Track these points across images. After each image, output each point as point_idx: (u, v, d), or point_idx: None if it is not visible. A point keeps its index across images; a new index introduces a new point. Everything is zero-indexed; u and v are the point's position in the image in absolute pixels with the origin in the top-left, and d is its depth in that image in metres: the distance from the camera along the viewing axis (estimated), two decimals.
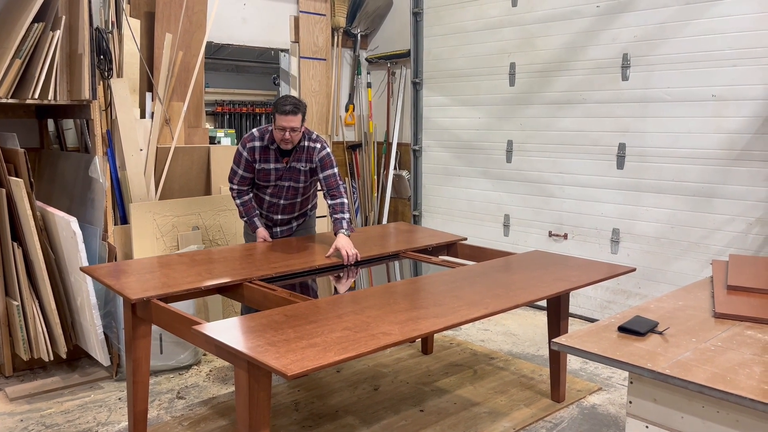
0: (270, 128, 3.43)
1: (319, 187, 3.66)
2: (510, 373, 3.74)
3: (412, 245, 3.65)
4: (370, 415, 3.20)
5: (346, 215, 3.40)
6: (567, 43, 4.65)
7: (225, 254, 3.33)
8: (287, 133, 3.31)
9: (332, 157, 3.51)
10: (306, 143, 3.47)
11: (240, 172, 3.49)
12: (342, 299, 2.60)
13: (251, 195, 3.59)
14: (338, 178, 3.51)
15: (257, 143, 3.44)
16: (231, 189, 3.57)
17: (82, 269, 3.04)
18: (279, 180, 3.51)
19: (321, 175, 3.49)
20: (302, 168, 3.50)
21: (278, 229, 3.70)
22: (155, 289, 2.68)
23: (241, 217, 3.62)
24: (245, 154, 3.45)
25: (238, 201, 3.57)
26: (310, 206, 3.79)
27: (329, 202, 3.47)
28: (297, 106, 3.30)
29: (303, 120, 3.36)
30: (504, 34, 5.05)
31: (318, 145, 3.49)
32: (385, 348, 2.08)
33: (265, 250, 3.40)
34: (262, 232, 3.58)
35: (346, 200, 3.47)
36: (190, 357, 3.79)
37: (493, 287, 2.73)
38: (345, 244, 3.23)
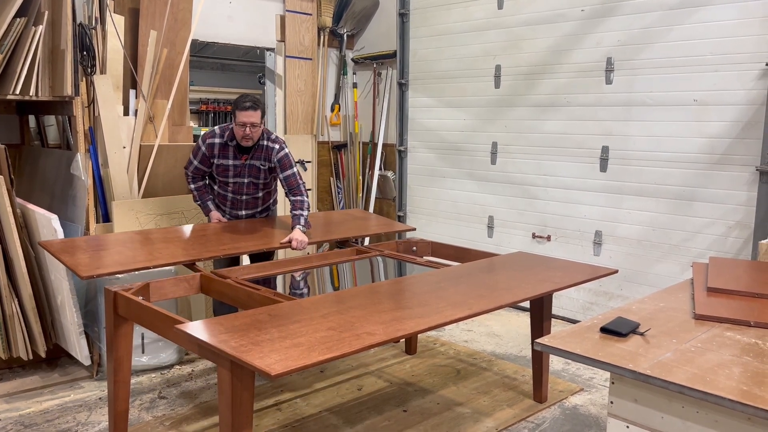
0: (230, 126, 3.54)
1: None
2: (493, 373, 3.76)
3: (361, 232, 3.95)
4: (354, 416, 3.20)
5: (305, 212, 3.56)
6: (552, 47, 4.68)
7: (179, 233, 3.46)
8: (248, 129, 3.43)
9: (291, 158, 3.63)
10: (265, 142, 3.58)
11: (195, 163, 3.61)
12: (326, 299, 2.59)
13: (206, 181, 3.72)
14: (298, 177, 3.63)
15: (217, 140, 3.55)
16: (186, 175, 3.69)
17: (40, 243, 3.10)
18: (238, 176, 3.61)
19: (281, 176, 3.61)
20: (261, 166, 3.61)
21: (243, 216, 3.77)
22: (107, 267, 2.81)
23: (195, 201, 3.75)
24: (203, 148, 3.57)
25: (192, 186, 3.70)
26: (272, 200, 3.89)
27: (291, 198, 3.61)
28: (256, 103, 3.44)
29: (262, 117, 3.48)
30: (490, 37, 5.07)
31: (276, 146, 3.59)
32: (369, 348, 2.08)
33: (219, 231, 3.54)
34: (215, 214, 3.71)
35: (306, 198, 3.61)
36: (173, 356, 3.76)
37: (476, 288, 2.74)
38: (298, 236, 3.45)
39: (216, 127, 3.63)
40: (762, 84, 3.73)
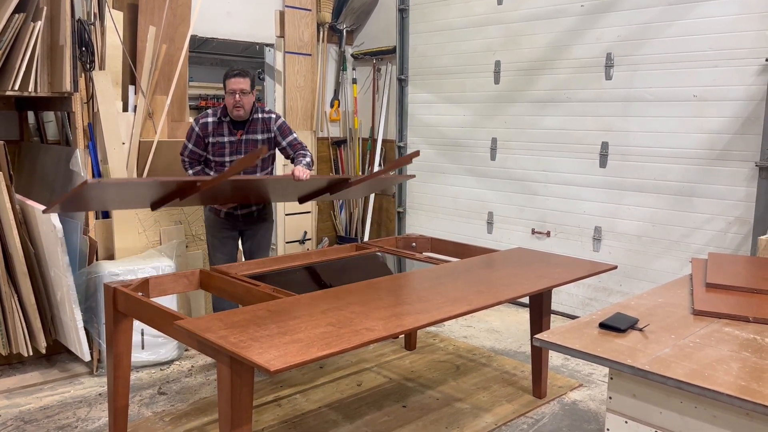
0: (223, 105, 3.54)
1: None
2: (492, 369, 3.76)
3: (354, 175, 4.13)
4: (353, 411, 3.21)
5: (308, 158, 3.54)
6: (552, 42, 4.67)
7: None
8: (237, 96, 3.42)
9: (288, 125, 3.67)
10: (260, 115, 3.59)
11: (190, 146, 3.56)
12: (326, 295, 2.60)
13: (202, 166, 3.63)
14: (299, 141, 3.65)
15: (210, 119, 3.54)
16: (183, 161, 3.63)
17: (45, 211, 3.03)
18: (235, 154, 3.58)
19: (285, 142, 3.61)
20: (259, 138, 3.60)
21: (240, 211, 3.68)
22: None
23: None
24: (197, 129, 3.53)
25: (190, 171, 3.60)
26: None
27: (294, 155, 3.59)
28: (245, 71, 3.45)
29: (252, 86, 3.48)
30: (489, 32, 5.06)
31: (273, 116, 3.64)
32: (369, 344, 2.09)
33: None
34: None
35: (309, 153, 3.61)
36: (172, 352, 3.77)
37: (476, 284, 2.75)
38: (300, 167, 3.41)
39: (209, 109, 3.63)
40: (762, 79, 3.73)
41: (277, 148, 3.67)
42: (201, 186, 3.00)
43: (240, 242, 3.79)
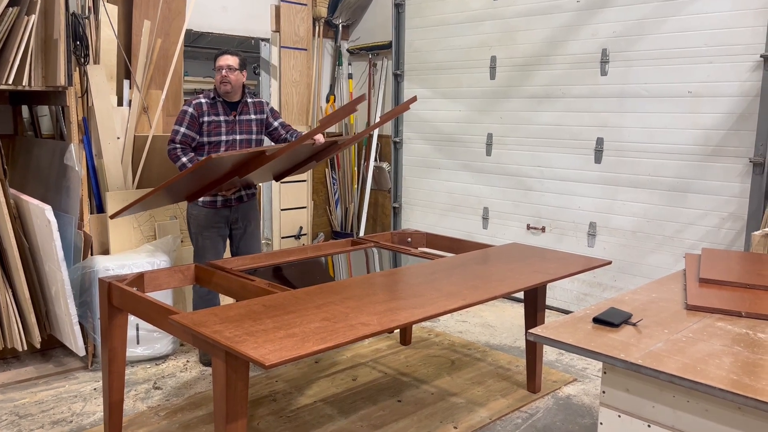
0: (214, 87, 3.57)
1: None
2: (487, 364, 3.78)
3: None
4: (348, 406, 3.22)
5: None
6: (547, 38, 4.68)
7: None
8: (224, 71, 3.46)
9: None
10: (249, 99, 3.67)
11: (183, 130, 3.46)
12: (321, 290, 2.60)
13: (194, 153, 3.50)
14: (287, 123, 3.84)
15: (203, 100, 3.55)
16: (174, 149, 3.44)
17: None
18: (231, 133, 3.58)
19: (276, 122, 3.76)
20: (253, 118, 3.66)
21: (233, 195, 3.62)
22: None
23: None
24: (191, 110, 3.49)
25: (184, 159, 3.41)
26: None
27: (288, 133, 3.73)
28: (234, 51, 3.54)
29: (242, 67, 3.53)
30: (485, 28, 5.06)
31: (263, 99, 3.78)
32: (364, 338, 2.09)
33: None
34: None
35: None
36: (168, 347, 3.77)
37: (471, 279, 2.75)
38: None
39: (199, 95, 3.64)
40: (756, 76, 3.74)
41: (267, 130, 3.77)
42: (272, 156, 3.11)
43: (229, 243, 3.77)
